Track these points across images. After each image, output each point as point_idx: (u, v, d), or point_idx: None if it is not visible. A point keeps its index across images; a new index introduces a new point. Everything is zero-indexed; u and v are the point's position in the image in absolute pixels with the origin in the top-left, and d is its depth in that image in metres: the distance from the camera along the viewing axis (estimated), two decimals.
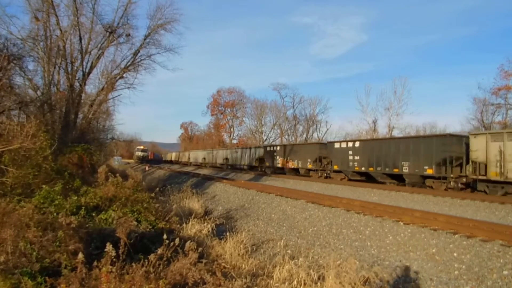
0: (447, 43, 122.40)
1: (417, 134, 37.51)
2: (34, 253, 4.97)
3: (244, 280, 5.08)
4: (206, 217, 10.80)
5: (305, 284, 5.50)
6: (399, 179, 21.38)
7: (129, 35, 24.80)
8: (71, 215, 7.31)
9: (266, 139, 69.06)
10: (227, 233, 8.48)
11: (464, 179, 17.89)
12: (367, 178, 23.79)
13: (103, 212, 8.85)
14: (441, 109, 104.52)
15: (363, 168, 23.29)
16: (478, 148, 16.73)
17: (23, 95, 16.73)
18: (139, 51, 26.13)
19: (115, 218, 8.27)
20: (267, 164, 35.43)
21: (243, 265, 6.90)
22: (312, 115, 65.16)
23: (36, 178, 10.03)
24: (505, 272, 6.42)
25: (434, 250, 7.82)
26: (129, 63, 25.90)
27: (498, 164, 15.74)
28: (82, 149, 17.04)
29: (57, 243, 5.52)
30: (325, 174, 27.67)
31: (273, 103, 71.26)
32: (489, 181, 16.35)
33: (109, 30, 23.63)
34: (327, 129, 63.45)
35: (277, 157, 33.40)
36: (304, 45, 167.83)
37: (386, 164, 21.55)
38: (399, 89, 44.51)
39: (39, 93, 19.77)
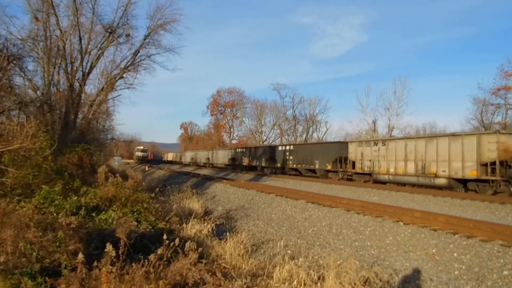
0: (447, 43, 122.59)
1: (323, 141, 47.94)
2: (34, 253, 4.97)
3: (244, 280, 5.07)
4: (206, 217, 10.79)
5: (305, 284, 5.50)
6: (313, 172, 29.77)
7: (129, 35, 24.86)
8: (71, 215, 7.31)
9: (266, 139, 69.13)
10: (227, 233, 8.48)
11: (345, 172, 25.96)
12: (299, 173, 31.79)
13: (103, 212, 8.85)
14: (441, 109, 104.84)
15: (295, 165, 32.26)
16: (352, 151, 25.30)
17: (23, 95, 16.77)
18: (139, 51, 26.18)
19: (115, 218, 8.27)
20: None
21: (243, 265, 6.90)
22: (312, 115, 65.31)
23: (36, 178, 10.03)
24: (505, 272, 6.42)
25: (434, 250, 7.82)
26: (129, 63, 25.95)
27: (360, 161, 24.35)
28: (82, 149, 17.04)
29: (57, 243, 5.52)
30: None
31: (273, 103, 71.46)
32: (357, 173, 24.71)
33: (109, 30, 23.65)
34: (327, 129, 63.61)
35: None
36: (304, 45, 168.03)
37: (307, 162, 30.32)
38: (399, 89, 44.65)
39: (39, 93, 19.79)
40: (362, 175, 24.33)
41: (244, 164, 41.61)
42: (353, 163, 24.95)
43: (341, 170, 26.21)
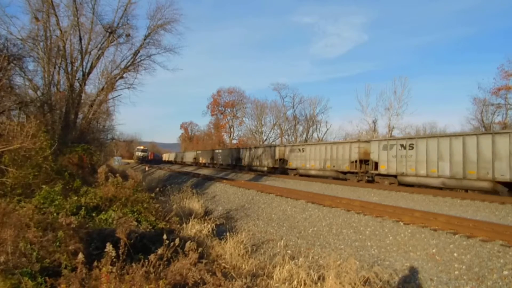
0: (447, 43, 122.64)
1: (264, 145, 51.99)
2: (34, 253, 4.96)
3: (244, 280, 5.07)
4: (206, 217, 10.78)
5: (305, 284, 5.50)
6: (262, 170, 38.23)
7: (129, 35, 24.86)
8: (71, 215, 7.30)
9: (266, 139, 69.14)
10: (227, 233, 8.48)
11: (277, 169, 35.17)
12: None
13: (103, 212, 8.85)
14: (441, 109, 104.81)
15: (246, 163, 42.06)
16: (279, 152, 35.05)
17: (23, 95, 16.76)
18: (139, 51, 26.17)
19: (115, 218, 8.27)
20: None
21: (243, 265, 6.89)
22: (312, 115, 65.34)
23: (36, 178, 10.03)
24: (505, 272, 6.42)
25: (434, 250, 7.82)
26: (129, 63, 25.94)
27: (289, 160, 32.82)
28: (82, 149, 17.04)
29: (57, 243, 5.52)
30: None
31: (273, 103, 71.51)
32: (289, 168, 33.00)
33: (109, 30, 23.65)
34: (327, 129, 63.70)
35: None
36: (304, 45, 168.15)
37: (259, 162, 39.57)
38: (399, 89, 44.56)
39: (39, 93, 19.79)
40: (292, 170, 32.75)
41: (215, 162, 52.44)
42: (282, 161, 34.60)
43: (277, 167, 35.09)
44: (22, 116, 14.14)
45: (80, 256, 4.33)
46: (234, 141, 73.73)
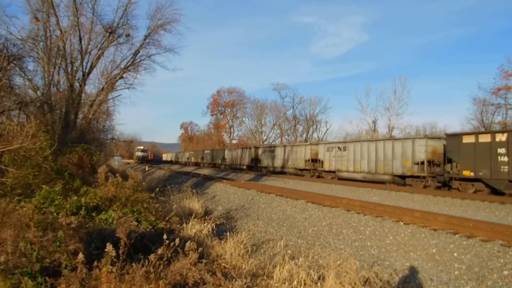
0: (447, 43, 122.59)
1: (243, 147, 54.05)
2: (34, 253, 4.96)
3: (244, 280, 5.07)
4: (206, 217, 10.78)
5: (305, 284, 5.49)
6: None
7: (129, 35, 24.87)
8: (71, 215, 7.30)
9: (266, 139, 69.15)
10: (227, 233, 8.47)
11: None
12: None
13: (103, 212, 8.85)
14: (441, 109, 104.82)
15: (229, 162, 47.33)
16: (260, 153, 39.62)
17: (23, 95, 16.76)
18: (139, 51, 26.19)
19: (115, 218, 8.27)
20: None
21: (243, 265, 6.89)
22: (312, 115, 65.37)
23: (36, 178, 10.02)
24: (505, 272, 6.42)
25: (434, 250, 7.82)
26: (129, 63, 25.95)
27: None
28: (82, 149, 17.03)
29: (57, 243, 5.52)
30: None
31: (273, 103, 71.54)
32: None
33: (109, 30, 23.66)
34: (327, 129, 63.70)
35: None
36: (304, 45, 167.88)
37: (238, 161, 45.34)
38: (399, 89, 44.69)
39: (39, 93, 19.79)
40: (264, 167, 38.09)
41: (193, 161, 62.89)
42: (260, 161, 39.93)
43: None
44: (22, 116, 14.15)
45: (80, 256, 4.33)
46: (234, 141, 73.79)
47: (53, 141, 13.43)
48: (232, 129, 77.26)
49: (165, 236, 5.14)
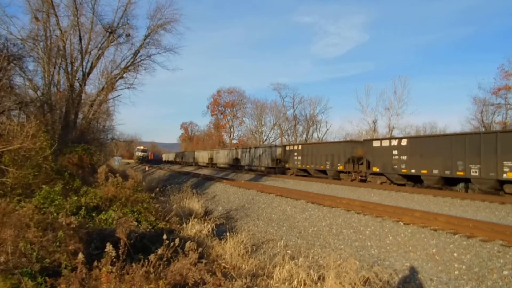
0: (447, 43, 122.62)
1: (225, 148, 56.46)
2: (34, 253, 4.96)
3: (244, 280, 5.07)
4: (206, 217, 10.79)
5: (305, 284, 5.50)
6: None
7: (129, 35, 24.86)
8: (71, 215, 7.31)
9: (266, 139, 69.13)
10: (227, 233, 8.48)
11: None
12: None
13: (103, 212, 8.85)
14: (441, 109, 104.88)
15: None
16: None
17: (23, 95, 16.77)
18: (139, 51, 26.17)
19: (115, 218, 8.27)
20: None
21: (243, 265, 6.90)
22: (312, 115, 65.28)
23: (36, 178, 10.02)
24: (505, 272, 6.42)
25: (434, 250, 7.82)
26: (129, 63, 25.94)
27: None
28: (82, 149, 17.03)
29: (57, 243, 5.52)
30: None
31: (273, 103, 71.39)
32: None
33: (109, 30, 23.66)
34: (327, 129, 63.68)
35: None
36: (305, 45, 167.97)
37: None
38: (399, 89, 44.66)
39: (39, 93, 19.80)
40: (243, 166, 40.85)
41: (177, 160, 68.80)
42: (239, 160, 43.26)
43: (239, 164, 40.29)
44: (22, 116, 14.16)
45: (80, 256, 4.33)
46: (234, 141, 73.76)
47: (53, 141, 13.43)
48: (232, 129, 77.25)
49: (165, 236, 5.14)
